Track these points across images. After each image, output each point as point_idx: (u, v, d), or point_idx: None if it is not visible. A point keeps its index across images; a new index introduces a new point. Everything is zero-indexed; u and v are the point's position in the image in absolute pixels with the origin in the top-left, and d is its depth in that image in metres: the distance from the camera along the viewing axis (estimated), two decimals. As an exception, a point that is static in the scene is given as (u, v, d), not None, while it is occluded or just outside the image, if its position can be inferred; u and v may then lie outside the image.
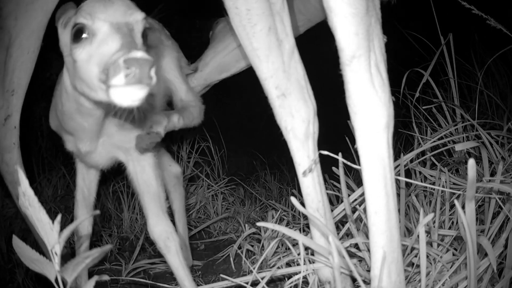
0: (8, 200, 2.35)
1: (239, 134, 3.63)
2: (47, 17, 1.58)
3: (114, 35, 1.00)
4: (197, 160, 2.68)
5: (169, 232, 1.39)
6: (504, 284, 1.08)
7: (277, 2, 1.19)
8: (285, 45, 1.21)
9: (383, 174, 1.03)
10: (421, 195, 1.57)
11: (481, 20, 1.52)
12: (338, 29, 0.99)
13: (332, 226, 1.27)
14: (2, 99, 1.61)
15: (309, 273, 1.27)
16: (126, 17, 1.06)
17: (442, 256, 1.22)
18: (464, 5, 1.53)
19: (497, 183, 1.23)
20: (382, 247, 1.03)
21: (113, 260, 2.00)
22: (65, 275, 0.82)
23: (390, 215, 1.03)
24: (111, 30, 1.02)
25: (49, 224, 0.82)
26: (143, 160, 1.42)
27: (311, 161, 1.20)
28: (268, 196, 2.69)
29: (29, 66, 1.61)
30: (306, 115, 1.21)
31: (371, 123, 1.02)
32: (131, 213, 2.36)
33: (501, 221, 1.23)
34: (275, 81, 1.20)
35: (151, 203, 1.40)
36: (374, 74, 1.01)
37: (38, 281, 1.80)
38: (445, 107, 1.80)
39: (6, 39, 1.58)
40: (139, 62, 0.90)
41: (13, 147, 1.64)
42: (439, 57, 1.78)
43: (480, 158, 1.47)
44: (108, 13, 1.05)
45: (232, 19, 1.18)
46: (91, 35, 1.04)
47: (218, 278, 1.68)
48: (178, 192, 1.98)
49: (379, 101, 1.01)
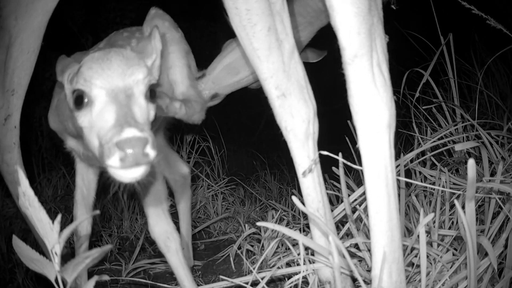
0: (8, 200, 2.35)
1: (239, 134, 3.63)
2: (47, 17, 1.58)
3: (110, 106, 0.97)
4: (197, 160, 2.69)
5: (169, 232, 1.39)
6: (504, 284, 1.08)
7: (277, 2, 1.18)
8: (285, 45, 1.21)
9: (385, 173, 1.03)
10: (421, 195, 1.57)
11: (481, 20, 1.52)
12: (340, 28, 0.99)
13: (332, 226, 1.27)
14: (3, 99, 1.62)
15: (309, 273, 1.27)
16: (125, 79, 1.01)
17: (442, 256, 1.22)
18: (464, 5, 1.53)
19: (497, 183, 1.23)
20: (383, 247, 1.03)
21: (113, 260, 2.00)
22: (65, 275, 0.82)
23: (391, 215, 1.03)
24: (107, 100, 0.98)
25: (49, 224, 0.82)
26: None
27: (311, 161, 1.20)
28: (268, 196, 2.69)
29: (29, 66, 1.61)
30: (306, 115, 1.21)
31: (373, 123, 1.02)
32: (131, 213, 2.36)
33: (501, 221, 1.23)
34: (275, 81, 1.20)
35: (152, 202, 1.40)
36: (376, 73, 1.01)
37: (38, 281, 1.80)
38: (445, 107, 1.80)
39: (6, 39, 1.58)
40: (131, 143, 0.86)
41: (13, 147, 1.64)
42: (439, 57, 1.78)
43: (480, 158, 1.47)
44: (105, 77, 1.00)
45: (232, 19, 1.18)
46: (90, 102, 1.00)
47: (218, 278, 1.68)
48: (184, 192, 1.95)
49: (381, 101, 1.01)
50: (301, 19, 1.76)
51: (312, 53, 2.03)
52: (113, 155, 0.87)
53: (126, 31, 1.63)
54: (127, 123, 0.91)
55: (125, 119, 0.93)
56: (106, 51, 1.08)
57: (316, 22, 1.79)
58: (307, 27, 1.79)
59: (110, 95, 0.98)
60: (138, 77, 1.03)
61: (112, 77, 1.00)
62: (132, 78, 1.02)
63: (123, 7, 3.84)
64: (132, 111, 0.96)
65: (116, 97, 0.98)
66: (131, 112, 0.96)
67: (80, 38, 3.62)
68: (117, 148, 0.86)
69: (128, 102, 0.98)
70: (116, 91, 0.99)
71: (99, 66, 1.02)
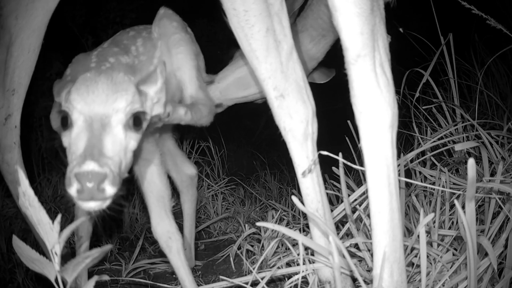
0: (8, 200, 2.35)
1: (239, 134, 3.63)
2: (48, 16, 1.58)
3: (83, 133, 0.97)
4: (197, 160, 2.68)
5: (171, 232, 1.39)
6: (504, 284, 1.08)
7: (275, 3, 1.18)
8: (283, 46, 1.20)
9: (387, 173, 1.03)
10: (421, 195, 1.57)
11: (481, 20, 1.52)
12: (343, 29, 0.99)
13: (332, 226, 1.27)
14: (3, 99, 1.62)
15: (309, 273, 1.27)
16: (106, 106, 1.00)
17: (442, 256, 1.22)
18: (464, 5, 1.53)
19: (497, 183, 1.23)
20: (384, 247, 1.03)
21: (113, 260, 2.00)
22: (65, 275, 0.82)
23: (393, 215, 1.03)
24: (82, 126, 0.98)
25: (49, 224, 0.82)
26: (148, 159, 1.41)
27: (310, 162, 1.20)
28: (268, 196, 2.69)
29: (30, 66, 1.61)
30: (304, 115, 1.21)
31: (376, 123, 1.02)
32: (131, 213, 2.36)
33: (501, 221, 1.23)
34: (273, 82, 1.20)
35: (154, 202, 1.40)
36: (379, 73, 1.02)
37: (38, 281, 1.80)
38: (445, 107, 1.80)
39: (7, 38, 1.58)
40: (88, 177, 0.88)
41: (13, 147, 1.64)
42: (439, 57, 1.78)
43: (480, 158, 1.47)
44: (87, 102, 1.00)
45: (231, 20, 1.18)
46: (71, 125, 1.01)
47: (218, 278, 1.68)
48: (190, 193, 1.92)
49: (384, 101, 1.02)
50: (313, 32, 1.76)
51: (320, 74, 2.02)
52: (71, 186, 0.90)
53: (133, 29, 1.61)
54: (91, 156, 0.92)
55: (91, 150, 0.93)
56: (98, 72, 1.07)
57: (328, 35, 1.77)
58: (321, 40, 1.77)
59: (86, 122, 0.99)
60: (119, 106, 1.01)
61: (93, 103, 1.00)
62: (113, 106, 1.01)
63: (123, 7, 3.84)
64: (102, 142, 0.96)
65: (91, 125, 0.98)
66: (100, 144, 0.96)
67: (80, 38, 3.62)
68: (76, 179, 0.89)
69: (100, 132, 0.97)
70: (93, 119, 0.99)
71: (85, 89, 1.01)
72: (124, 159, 1.01)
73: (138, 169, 1.41)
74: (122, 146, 1.01)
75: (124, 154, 1.01)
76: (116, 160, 0.96)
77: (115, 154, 0.97)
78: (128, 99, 1.03)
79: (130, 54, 1.46)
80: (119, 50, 1.44)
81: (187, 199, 1.93)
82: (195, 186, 1.96)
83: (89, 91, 1.01)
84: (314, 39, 1.77)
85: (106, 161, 0.93)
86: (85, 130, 0.98)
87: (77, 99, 1.00)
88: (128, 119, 1.03)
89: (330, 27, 1.70)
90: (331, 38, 1.78)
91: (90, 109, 0.99)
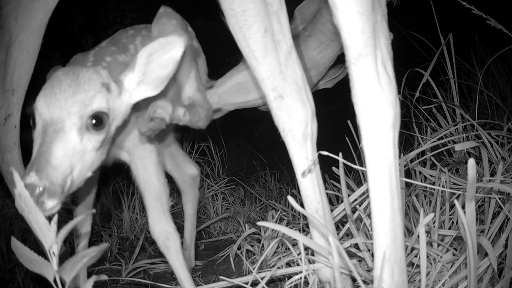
0: (8, 200, 2.35)
1: (239, 134, 3.63)
2: (47, 16, 1.58)
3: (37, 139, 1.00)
4: (197, 160, 2.68)
5: (169, 232, 1.39)
6: (504, 284, 1.08)
7: (274, 3, 1.17)
8: (282, 45, 1.20)
9: (388, 173, 1.02)
10: (421, 195, 1.57)
11: (481, 20, 1.52)
12: (344, 27, 0.98)
13: (331, 227, 1.27)
14: (3, 99, 1.62)
15: (309, 273, 1.27)
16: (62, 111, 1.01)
17: (442, 256, 1.22)
18: (464, 5, 1.53)
19: (497, 183, 1.23)
20: (385, 247, 1.02)
21: (113, 260, 2.00)
22: (63, 274, 0.82)
23: (394, 215, 1.03)
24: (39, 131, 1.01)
25: (45, 224, 0.82)
26: (146, 159, 1.41)
27: (309, 163, 1.20)
28: (268, 196, 2.69)
29: (29, 66, 1.62)
30: (303, 116, 1.20)
31: (378, 122, 1.01)
32: (131, 213, 2.36)
33: (501, 221, 1.23)
34: (272, 82, 1.19)
35: (152, 202, 1.39)
36: (380, 72, 1.01)
37: (38, 281, 1.80)
38: (445, 107, 1.80)
39: (6, 38, 1.58)
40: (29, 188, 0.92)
41: (13, 147, 1.65)
42: (439, 57, 1.78)
43: (480, 158, 1.47)
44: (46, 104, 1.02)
45: (229, 21, 1.17)
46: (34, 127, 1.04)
47: (218, 278, 1.68)
48: (192, 194, 1.92)
49: (385, 100, 1.01)
50: (322, 36, 1.74)
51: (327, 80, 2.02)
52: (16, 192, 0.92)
53: (132, 28, 1.62)
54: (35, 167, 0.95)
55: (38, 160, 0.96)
56: (69, 69, 1.08)
57: (337, 39, 1.76)
58: (329, 45, 1.76)
59: (43, 127, 1.01)
60: (74, 109, 1.02)
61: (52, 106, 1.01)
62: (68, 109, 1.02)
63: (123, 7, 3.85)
64: (50, 150, 0.98)
65: (45, 131, 1.00)
66: (48, 153, 0.98)
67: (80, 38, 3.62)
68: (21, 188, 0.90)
69: (52, 139, 0.99)
70: (49, 123, 1.01)
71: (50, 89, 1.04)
72: (80, 162, 1.03)
73: (135, 169, 1.41)
74: (76, 150, 1.03)
75: (80, 157, 1.03)
76: (63, 167, 0.99)
77: (65, 160, 0.99)
78: (85, 102, 1.04)
79: (128, 53, 1.46)
80: (116, 49, 1.45)
81: (189, 200, 1.92)
82: (197, 186, 1.96)
83: (51, 92, 1.03)
84: (322, 43, 1.75)
85: (48, 172, 0.95)
86: (39, 136, 1.00)
87: (40, 101, 1.03)
88: (84, 121, 1.04)
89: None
90: (339, 43, 1.77)
91: (48, 113, 1.01)
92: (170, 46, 1.15)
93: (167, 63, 1.17)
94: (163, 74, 1.18)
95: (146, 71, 1.17)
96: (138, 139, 1.39)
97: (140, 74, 1.17)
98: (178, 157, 1.91)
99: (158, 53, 1.15)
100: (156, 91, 1.20)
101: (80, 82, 1.05)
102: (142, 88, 1.19)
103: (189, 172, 1.92)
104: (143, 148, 1.40)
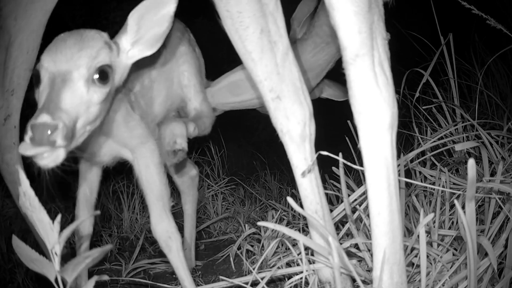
0: (8, 200, 2.35)
1: (239, 134, 3.63)
2: (46, 16, 1.58)
3: (45, 90, 1.03)
4: (197, 160, 2.69)
5: (171, 231, 1.39)
6: (504, 284, 1.08)
7: (269, 3, 1.17)
8: (279, 46, 1.19)
9: (387, 174, 1.02)
10: (421, 195, 1.57)
11: (481, 20, 1.52)
12: (340, 27, 0.98)
13: (331, 228, 1.27)
14: (2, 99, 1.62)
15: (309, 274, 1.27)
16: (69, 63, 1.06)
17: (442, 256, 1.22)
18: (464, 5, 1.53)
19: (497, 183, 1.23)
20: (384, 248, 1.02)
21: (113, 260, 2.00)
22: (65, 275, 0.82)
23: (393, 216, 1.03)
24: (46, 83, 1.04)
25: (49, 224, 0.82)
26: (147, 158, 1.41)
27: (308, 163, 1.20)
28: (268, 196, 2.69)
29: (29, 66, 1.61)
30: (301, 117, 1.20)
31: (375, 123, 1.01)
32: (131, 213, 2.36)
33: (501, 221, 1.23)
34: (269, 83, 1.19)
35: (154, 202, 1.40)
36: (378, 73, 1.00)
37: (38, 281, 1.80)
38: (445, 107, 1.80)
39: (6, 39, 1.58)
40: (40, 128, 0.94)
41: (13, 147, 1.64)
42: (439, 57, 1.78)
43: (480, 158, 1.47)
44: (52, 60, 1.06)
45: (224, 22, 1.17)
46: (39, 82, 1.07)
47: (218, 278, 1.68)
48: (191, 194, 1.93)
49: (383, 101, 1.00)
50: (318, 39, 1.74)
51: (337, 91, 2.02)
52: (26, 135, 0.95)
53: None
54: (47, 109, 0.97)
55: (48, 104, 0.99)
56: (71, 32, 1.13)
57: (334, 42, 1.76)
58: (324, 48, 1.75)
59: (50, 79, 1.04)
60: (81, 62, 1.07)
61: (58, 61, 1.06)
62: (76, 62, 1.06)
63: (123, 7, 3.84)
64: (60, 96, 1.01)
65: (53, 81, 1.04)
66: (58, 99, 1.01)
67: (80, 38, 3.61)
68: (30, 129, 0.94)
69: (60, 88, 1.03)
70: (56, 75, 1.04)
71: (54, 48, 1.08)
72: (85, 113, 1.07)
73: (138, 168, 1.41)
74: (83, 100, 1.06)
75: (86, 108, 1.07)
76: (72, 114, 1.02)
77: (72, 108, 1.03)
78: (92, 55, 1.09)
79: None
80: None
81: (189, 200, 1.93)
82: (196, 186, 1.96)
83: (56, 50, 1.07)
84: (317, 46, 1.75)
85: (60, 114, 0.98)
86: (47, 87, 1.04)
87: (45, 58, 1.07)
88: (91, 73, 1.08)
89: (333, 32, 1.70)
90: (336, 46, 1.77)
91: (55, 67, 1.05)
92: (162, 4, 1.17)
93: (162, 20, 1.19)
94: (158, 32, 1.20)
95: (139, 31, 1.20)
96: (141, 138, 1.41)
97: (134, 35, 1.20)
98: None
99: (151, 12, 1.18)
100: (152, 49, 1.23)
101: (84, 39, 1.10)
102: (138, 48, 1.22)
103: (188, 173, 1.93)
104: (145, 147, 1.41)
